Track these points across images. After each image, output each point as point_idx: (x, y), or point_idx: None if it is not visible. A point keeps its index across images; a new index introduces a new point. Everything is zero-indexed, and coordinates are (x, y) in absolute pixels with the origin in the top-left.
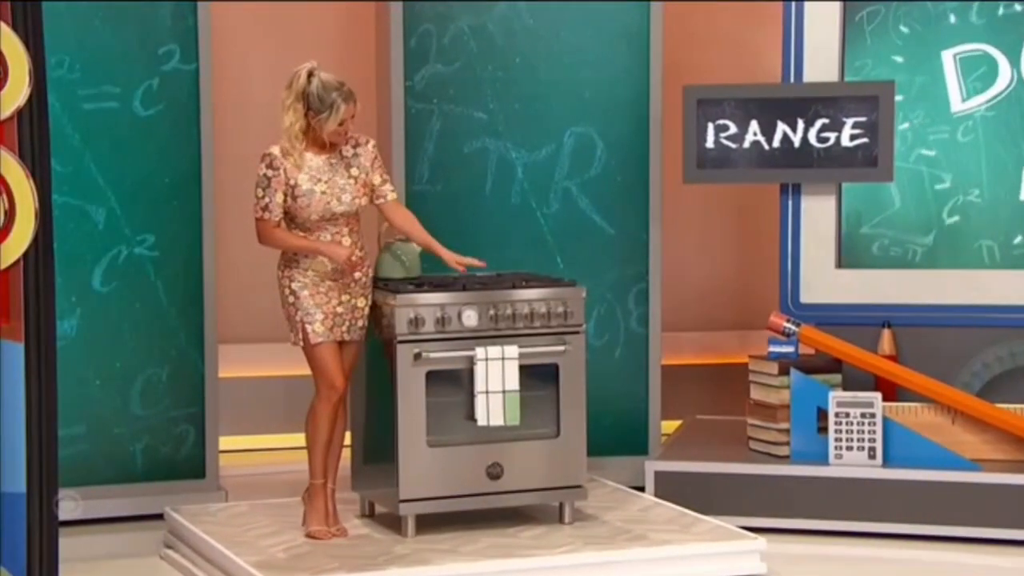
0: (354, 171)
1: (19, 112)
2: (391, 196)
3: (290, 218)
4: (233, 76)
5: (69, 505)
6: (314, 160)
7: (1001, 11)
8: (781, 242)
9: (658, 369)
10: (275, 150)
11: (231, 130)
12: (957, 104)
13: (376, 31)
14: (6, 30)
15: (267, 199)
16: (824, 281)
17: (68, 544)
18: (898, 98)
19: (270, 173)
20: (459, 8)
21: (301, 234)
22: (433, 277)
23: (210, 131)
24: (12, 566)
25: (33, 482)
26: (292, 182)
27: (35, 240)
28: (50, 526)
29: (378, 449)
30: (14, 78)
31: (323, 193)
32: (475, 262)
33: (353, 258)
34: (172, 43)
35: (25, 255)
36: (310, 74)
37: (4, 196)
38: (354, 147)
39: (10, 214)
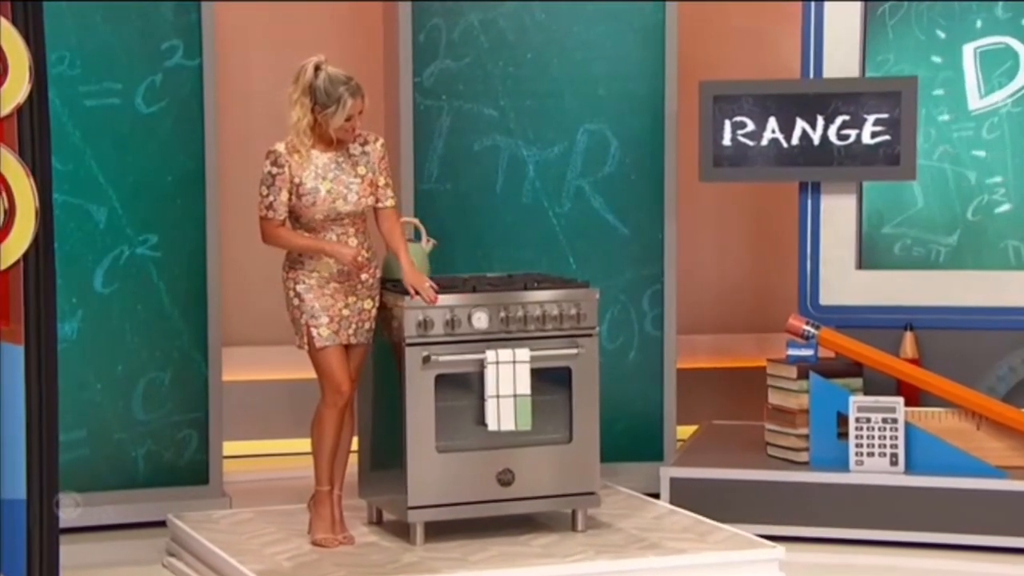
0: (361, 169)
1: (19, 109)
2: (388, 203)
3: (295, 218)
4: (237, 72)
5: (70, 507)
6: (320, 158)
7: None
8: (800, 242)
9: (673, 373)
10: (280, 147)
11: (235, 127)
12: (975, 101)
13: (384, 26)
14: (6, 26)
15: (271, 197)
16: (844, 282)
17: (69, 552)
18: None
19: (274, 171)
20: (469, 3)
21: (306, 234)
22: (442, 278)
23: (214, 128)
24: (12, 574)
25: (33, 488)
26: (297, 180)
27: (35, 240)
28: (51, 533)
29: (386, 455)
30: (14, 75)
31: (328, 192)
32: (429, 295)
33: (359, 259)
34: (175, 39)
35: (25, 255)
36: (317, 68)
37: (4, 195)
38: (362, 145)
39: (10, 213)
